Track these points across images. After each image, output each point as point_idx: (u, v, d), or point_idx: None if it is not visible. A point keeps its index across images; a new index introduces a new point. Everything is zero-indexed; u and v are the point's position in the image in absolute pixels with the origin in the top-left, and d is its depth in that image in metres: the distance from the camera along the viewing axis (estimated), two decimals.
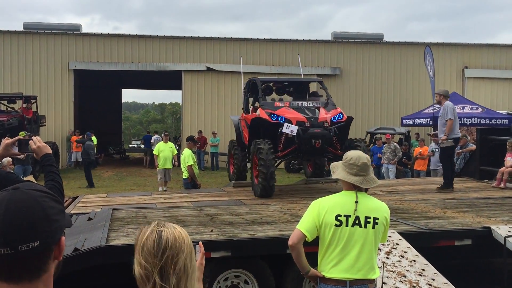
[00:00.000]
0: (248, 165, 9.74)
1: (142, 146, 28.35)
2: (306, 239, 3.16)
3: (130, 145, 48.29)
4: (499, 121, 16.35)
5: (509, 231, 5.28)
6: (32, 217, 1.22)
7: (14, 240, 1.18)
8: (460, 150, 13.00)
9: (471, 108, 17.20)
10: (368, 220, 3.12)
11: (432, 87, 17.15)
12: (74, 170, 20.72)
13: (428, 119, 16.83)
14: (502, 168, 9.11)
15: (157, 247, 1.48)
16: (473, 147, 11.68)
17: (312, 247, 3.43)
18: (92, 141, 16.82)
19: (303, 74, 13.83)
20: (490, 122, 16.19)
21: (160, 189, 12.60)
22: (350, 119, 8.68)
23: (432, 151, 13.45)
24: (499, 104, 23.00)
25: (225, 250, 4.88)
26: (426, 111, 17.97)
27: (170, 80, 26.97)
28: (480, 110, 17.14)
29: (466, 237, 5.43)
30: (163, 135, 14.75)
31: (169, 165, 12.77)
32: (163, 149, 12.73)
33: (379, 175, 13.98)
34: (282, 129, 8.20)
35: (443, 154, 8.84)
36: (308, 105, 8.83)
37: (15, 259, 1.19)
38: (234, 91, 22.96)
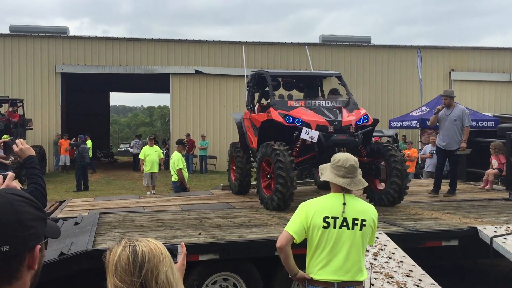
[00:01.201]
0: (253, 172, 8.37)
1: (131, 150, 28.22)
2: (294, 241, 3.17)
3: (118, 149, 48.07)
4: (485, 123, 16.55)
5: (495, 232, 5.33)
6: (4, 220, 1.18)
7: None
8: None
9: None
10: (356, 222, 3.13)
11: (421, 89, 17.29)
12: (61, 174, 20.56)
13: (416, 121, 16.97)
14: (489, 170, 9.21)
15: (133, 264, 1.39)
16: None
17: (300, 249, 3.43)
18: (86, 144, 16.79)
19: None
20: (477, 124, 16.37)
21: (148, 193, 12.52)
22: (376, 121, 7.54)
23: (430, 152, 13.08)
24: (485, 106, 23.27)
25: (213, 253, 4.86)
26: (414, 113, 18.12)
27: (159, 83, 26.88)
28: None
29: (453, 237, 5.47)
30: (148, 139, 14.71)
31: (156, 169, 12.71)
32: (149, 153, 12.65)
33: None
34: (297, 133, 7.04)
35: (457, 161, 8.50)
36: (327, 104, 7.58)
37: None
38: (222, 94, 22.97)
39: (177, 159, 10.38)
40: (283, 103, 7.57)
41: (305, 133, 6.84)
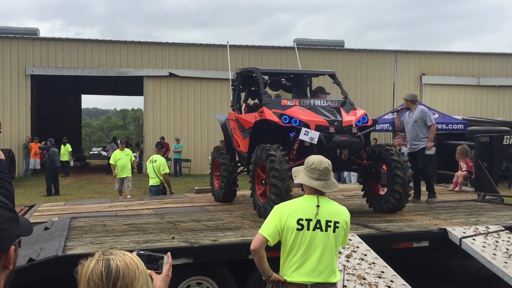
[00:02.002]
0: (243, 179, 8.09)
1: (105, 153, 27.80)
2: (268, 243, 3.18)
3: (91, 152, 47.31)
4: (455, 126, 16.91)
5: (464, 233, 5.45)
6: None
7: None
8: None
9: None
10: (329, 224, 3.16)
11: (393, 92, 17.53)
12: (31, 178, 20.11)
13: (388, 124, 17.22)
14: (458, 172, 9.42)
15: (106, 279, 1.32)
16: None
17: (274, 252, 3.44)
18: (56, 147, 16.46)
19: None
20: (447, 127, 16.73)
21: (120, 197, 12.33)
22: (375, 122, 7.20)
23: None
24: (455, 109, 23.80)
25: (187, 257, 4.82)
26: (386, 116, 18.38)
27: (132, 86, 26.61)
28: (437, 115, 17.67)
29: (423, 239, 5.57)
30: (119, 142, 14.50)
31: (127, 173, 12.43)
32: (120, 157, 12.28)
33: (341, 180, 14.17)
34: (294, 134, 6.55)
35: (425, 161, 8.05)
36: (322, 104, 7.08)
37: None
38: (197, 96, 22.87)
39: (162, 164, 10.36)
40: (276, 102, 7.05)
41: (304, 134, 6.29)
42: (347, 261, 4.68)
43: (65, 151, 21.40)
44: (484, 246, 5.20)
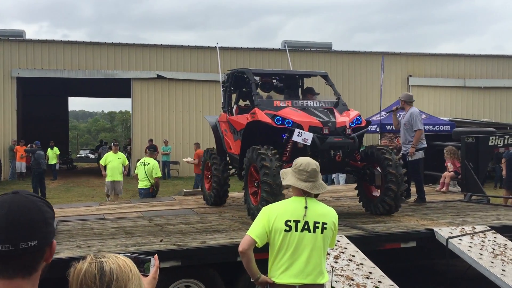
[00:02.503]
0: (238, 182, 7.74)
1: (92, 156, 27.57)
2: (257, 245, 3.19)
3: (78, 155, 46.92)
4: (442, 127, 17.07)
5: (451, 233, 5.50)
6: (32, 218, 1.32)
7: (15, 238, 1.29)
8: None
9: None
10: (317, 225, 3.17)
11: (381, 94, 17.67)
12: (17, 181, 19.88)
13: (376, 126, 17.32)
14: (445, 173, 9.50)
15: (99, 281, 1.32)
16: None
17: (262, 254, 3.44)
18: (42, 150, 16.27)
19: None
20: (434, 128, 16.88)
21: (108, 199, 12.19)
22: (368, 123, 7.15)
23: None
24: (442, 111, 24.01)
25: (175, 259, 4.80)
26: (373, 118, 18.48)
27: (120, 88, 26.44)
28: (424, 116, 17.76)
29: (410, 239, 5.61)
30: (112, 145, 14.32)
31: (118, 177, 12.13)
32: (111, 160, 11.98)
33: (328, 181, 14.22)
34: (287, 136, 6.48)
35: (413, 167, 7.75)
36: (315, 104, 6.99)
37: (14, 256, 1.29)
38: (185, 98, 22.81)
39: (155, 167, 10.34)
40: (268, 103, 6.94)
41: (298, 135, 6.20)
42: (335, 262, 4.69)
43: (53, 154, 21.21)
44: (470, 246, 5.25)
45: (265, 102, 6.98)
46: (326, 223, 3.19)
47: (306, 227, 3.16)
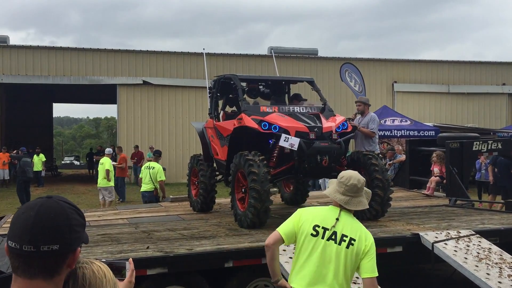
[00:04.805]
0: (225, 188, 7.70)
1: (76, 162, 27.31)
2: (284, 243, 3.17)
3: (63, 162, 46.41)
4: (426, 133, 17.25)
5: (436, 237, 5.54)
6: (57, 223, 1.37)
7: (38, 240, 1.33)
8: (391, 162, 13.54)
9: (401, 121, 18.04)
10: (344, 238, 3.06)
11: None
12: (0, 189, 19.59)
13: None
14: (432, 178, 9.55)
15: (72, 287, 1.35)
16: (403, 157, 12.20)
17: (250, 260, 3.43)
18: (28, 157, 15.91)
19: None
20: (418, 134, 17.05)
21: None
22: (354, 128, 7.25)
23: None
24: (426, 116, 24.27)
25: (162, 266, 4.77)
26: None
27: (105, 94, 26.28)
28: (409, 122, 18.00)
29: (397, 244, 5.64)
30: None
31: (102, 183, 12.19)
32: (98, 166, 12.36)
33: (315, 187, 14.24)
34: (274, 141, 6.49)
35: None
36: (302, 110, 7.02)
37: (35, 257, 1.33)
38: (171, 104, 22.74)
39: (160, 171, 10.60)
40: (255, 108, 6.94)
41: (284, 140, 6.21)
42: None
43: (39, 161, 20.94)
44: (455, 250, 5.30)
45: (251, 108, 6.96)
46: (354, 240, 3.06)
47: (333, 237, 3.06)
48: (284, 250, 4.90)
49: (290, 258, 4.70)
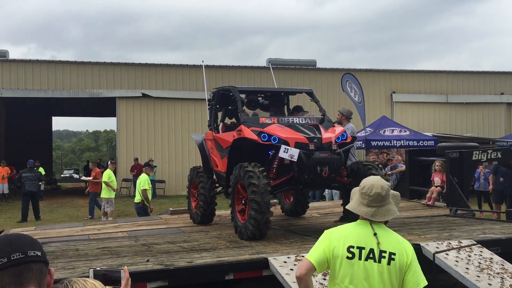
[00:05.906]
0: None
1: (76, 176, 27.27)
2: (315, 272, 2.81)
3: (62, 175, 46.35)
4: (425, 143, 17.26)
5: (437, 248, 5.52)
6: (31, 239, 1.49)
7: (23, 247, 1.42)
8: (391, 172, 13.55)
9: (400, 131, 18.07)
10: (383, 254, 2.73)
11: (360, 111, 17.76)
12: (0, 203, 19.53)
13: (361, 142, 17.45)
14: (432, 188, 9.53)
15: None
16: (403, 167, 12.19)
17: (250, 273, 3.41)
18: (29, 171, 15.95)
19: None
20: (418, 144, 17.06)
21: (103, 218, 12.46)
22: (354, 139, 7.18)
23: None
24: (425, 126, 24.32)
25: (162, 279, 4.74)
26: (358, 134, 18.62)
27: (104, 107, 26.34)
28: (408, 132, 18.03)
29: None
30: (109, 163, 14.65)
31: (102, 194, 13.06)
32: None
33: (315, 198, 14.18)
34: (274, 152, 6.47)
35: None
36: (301, 121, 7.00)
37: (24, 264, 1.40)
38: (170, 117, 22.78)
39: (143, 180, 10.86)
40: (254, 120, 6.91)
41: (284, 151, 6.18)
42: (324, 279, 4.67)
43: None
44: (457, 261, 5.27)
45: (251, 119, 6.95)
46: (394, 254, 2.73)
47: (371, 255, 2.72)
48: (285, 262, 4.87)
49: (291, 270, 4.67)
